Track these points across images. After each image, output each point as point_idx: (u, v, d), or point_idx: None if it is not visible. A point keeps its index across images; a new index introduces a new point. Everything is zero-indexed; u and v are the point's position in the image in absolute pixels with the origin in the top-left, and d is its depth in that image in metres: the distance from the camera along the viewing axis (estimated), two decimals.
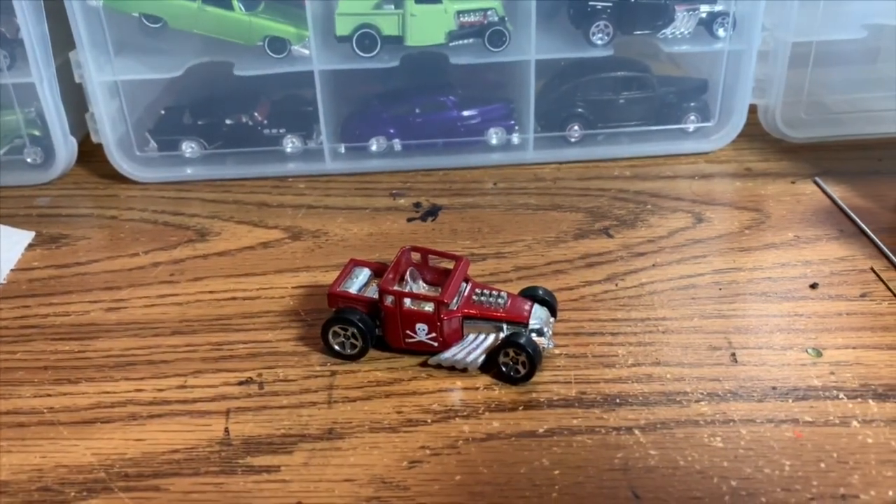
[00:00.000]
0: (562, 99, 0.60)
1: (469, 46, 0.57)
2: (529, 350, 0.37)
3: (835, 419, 0.35)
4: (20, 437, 0.36)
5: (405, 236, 0.52)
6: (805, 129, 0.62)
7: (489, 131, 0.60)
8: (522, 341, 0.37)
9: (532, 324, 0.38)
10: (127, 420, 0.37)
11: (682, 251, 0.49)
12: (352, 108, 0.60)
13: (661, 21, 0.57)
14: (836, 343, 0.40)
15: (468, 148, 0.61)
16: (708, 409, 0.36)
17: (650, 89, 0.60)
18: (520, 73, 0.58)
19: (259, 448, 0.35)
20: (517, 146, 0.61)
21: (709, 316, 0.43)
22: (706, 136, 0.61)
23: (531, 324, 0.38)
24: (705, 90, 0.61)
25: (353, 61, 0.56)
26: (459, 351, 0.39)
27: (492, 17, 0.56)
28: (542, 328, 0.39)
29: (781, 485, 0.32)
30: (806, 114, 0.62)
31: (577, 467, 0.33)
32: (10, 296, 0.46)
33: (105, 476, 0.34)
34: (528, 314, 0.39)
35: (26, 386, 0.39)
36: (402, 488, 0.32)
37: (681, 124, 0.61)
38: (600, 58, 0.58)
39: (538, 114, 0.60)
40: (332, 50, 0.56)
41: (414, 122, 0.60)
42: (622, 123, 0.61)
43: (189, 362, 0.40)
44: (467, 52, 0.57)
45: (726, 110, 0.61)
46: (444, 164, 0.60)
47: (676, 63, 0.64)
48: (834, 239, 0.50)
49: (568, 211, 0.54)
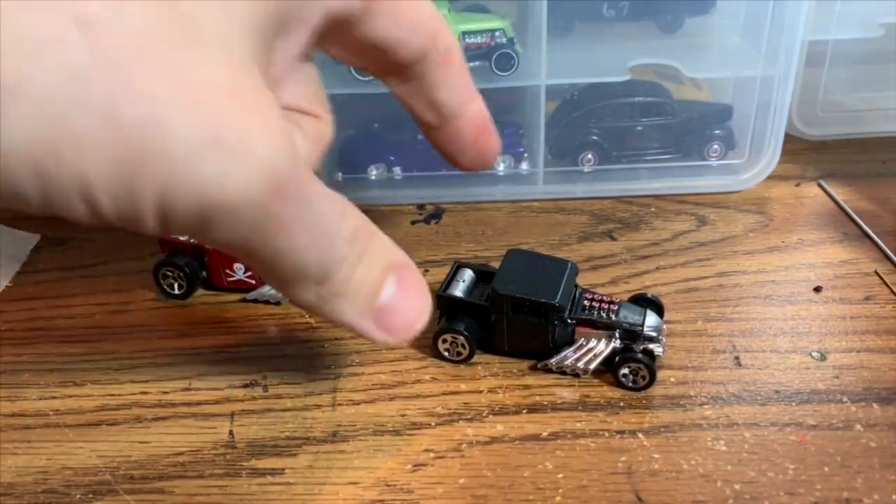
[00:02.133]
0: (575, 125, 0.57)
1: (475, 70, 0.52)
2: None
3: (839, 423, 0.35)
4: (26, 439, 0.36)
5: (409, 238, 0.52)
6: (821, 127, 0.62)
7: (496, 159, 0.54)
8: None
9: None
10: (132, 422, 0.37)
11: (686, 254, 0.49)
12: (350, 133, 0.57)
13: None
14: (840, 346, 0.40)
15: (474, 179, 0.57)
16: (711, 412, 0.36)
17: (670, 115, 0.56)
18: (529, 99, 0.56)
19: (263, 451, 0.35)
20: (526, 177, 0.57)
21: (712, 319, 0.43)
22: (734, 172, 0.56)
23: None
24: (730, 116, 0.57)
25: (352, 85, 0.52)
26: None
27: (500, 38, 0.53)
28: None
29: (785, 488, 0.32)
30: (822, 111, 0.62)
31: (581, 470, 0.33)
32: (16, 298, 0.47)
33: (110, 478, 0.34)
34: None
35: (32, 388, 0.39)
36: (405, 491, 0.33)
37: (703, 154, 0.57)
38: (616, 82, 0.54)
39: (549, 141, 0.56)
40: (330, 72, 0.53)
41: (415, 148, 0.56)
42: (640, 152, 0.57)
43: (194, 365, 0.41)
44: (473, 75, 0.51)
45: (756, 145, 0.55)
46: (446, 196, 0.57)
47: (699, 86, 0.60)
48: (838, 242, 0.50)
49: (571, 214, 0.54)
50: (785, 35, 0.52)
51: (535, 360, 0.39)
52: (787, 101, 0.53)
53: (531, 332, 0.39)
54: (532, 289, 0.38)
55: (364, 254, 0.29)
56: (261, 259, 0.27)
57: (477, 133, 0.38)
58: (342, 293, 0.29)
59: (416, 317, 0.31)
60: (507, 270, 0.40)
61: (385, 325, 0.31)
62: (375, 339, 0.31)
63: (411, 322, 0.31)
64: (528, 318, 0.38)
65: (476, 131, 0.38)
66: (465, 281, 0.41)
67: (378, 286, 0.30)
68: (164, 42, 0.21)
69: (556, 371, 0.39)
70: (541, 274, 0.40)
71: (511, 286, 0.39)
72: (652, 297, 0.41)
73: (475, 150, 0.39)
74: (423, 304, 0.32)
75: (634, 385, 0.38)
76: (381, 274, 0.30)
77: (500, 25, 0.54)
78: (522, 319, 0.38)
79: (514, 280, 0.39)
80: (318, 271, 0.28)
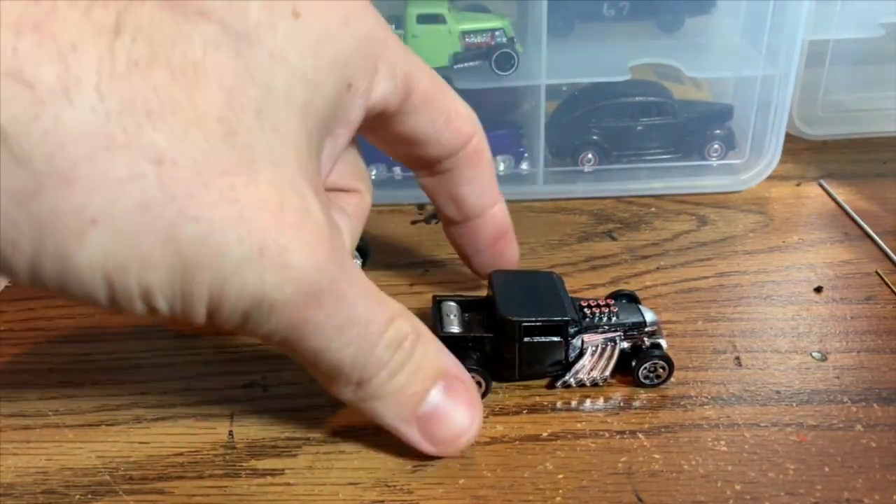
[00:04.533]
0: (575, 125, 0.56)
1: (475, 69, 0.53)
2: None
3: (839, 423, 0.35)
4: (25, 440, 0.36)
5: (409, 238, 0.52)
6: (821, 127, 0.62)
7: (496, 159, 0.56)
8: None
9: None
10: (131, 423, 0.37)
11: (686, 254, 0.49)
12: None
13: None
14: (841, 347, 0.40)
15: None
16: (712, 412, 0.36)
17: (671, 115, 0.56)
18: (529, 99, 0.56)
19: (263, 451, 0.35)
20: (526, 177, 0.57)
21: (713, 319, 0.43)
22: (734, 172, 0.57)
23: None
24: (730, 116, 0.57)
25: None
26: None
27: (500, 37, 0.53)
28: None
29: (785, 489, 0.32)
30: (822, 111, 0.62)
31: (581, 471, 0.33)
32: (15, 298, 0.47)
33: (110, 479, 0.34)
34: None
35: (31, 388, 0.39)
36: (405, 491, 0.32)
37: (704, 154, 0.57)
38: (617, 82, 0.54)
39: (549, 141, 0.56)
40: None
41: None
42: (640, 152, 0.57)
43: (193, 365, 0.40)
44: (473, 75, 0.53)
45: (757, 145, 0.56)
46: None
47: (699, 86, 0.60)
48: (838, 242, 0.50)
49: (571, 214, 0.54)
50: (785, 35, 0.52)
51: (548, 379, 0.38)
52: (787, 101, 0.53)
53: (545, 352, 0.37)
54: (539, 309, 0.37)
55: (408, 361, 0.31)
56: (302, 355, 0.30)
57: (496, 236, 0.40)
58: (381, 396, 0.31)
59: (464, 429, 0.32)
60: (505, 294, 0.38)
61: (429, 435, 0.32)
62: (421, 448, 0.32)
63: (458, 433, 0.32)
64: (542, 339, 0.37)
65: (495, 234, 0.40)
66: (454, 315, 0.39)
67: (421, 395, 0.32)
68: (222, 169, 0.24)
69: (576, 386, 0.38)
70: (536, 291, 0.38)
71: (518, 310, 0.37)
72: (628, 292, 0.41)
73: (490, 253, 0.40)
74: (473, 416, 0.33)
75: (656, 381, 0.38)
76: (425, 382, 0.32)
77: (501, 25, 0.54)
78: (536, 342, 0.37)
79: (517, 303, 0.37)
80: (355, 373, 0.30)
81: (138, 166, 0.23)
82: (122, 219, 0.23)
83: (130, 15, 0.23)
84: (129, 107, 0.23)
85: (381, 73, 0.31)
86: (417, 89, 0.33)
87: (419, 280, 0.47)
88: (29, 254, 0.23)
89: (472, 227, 0.40)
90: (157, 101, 0.23)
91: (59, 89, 0.22)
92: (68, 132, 0.22)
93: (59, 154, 0.22)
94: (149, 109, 0.23)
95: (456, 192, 0.38)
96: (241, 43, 0.25)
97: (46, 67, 0.22)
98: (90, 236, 0.23)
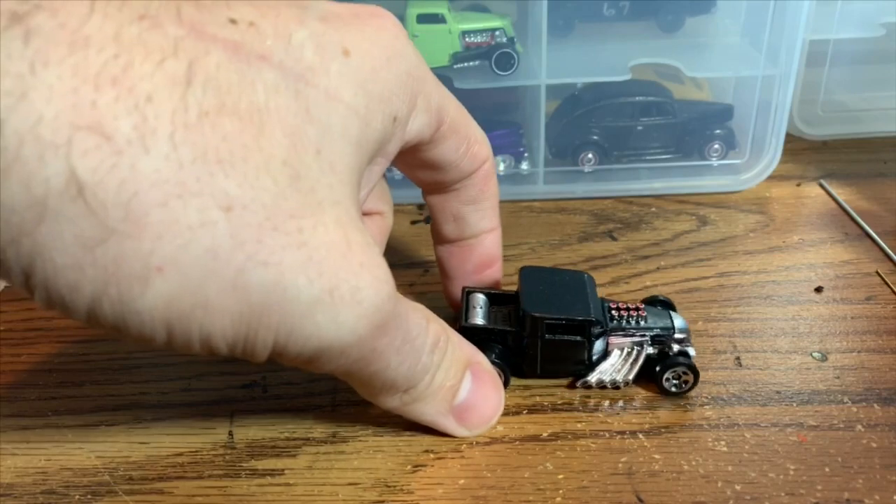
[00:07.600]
0: (575, 125, 0.56)
1: (475, 69, 0.53)
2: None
3: (839, 423, 0.35)
4: (25, 440, 0.36)
5: (408, 238, 0.52)
6: (822, 127, 0.62)
7: (496, 158, 0.56)
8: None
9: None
10: (131, 423, 0.37)
11: (687, 254, 0.49)
12: None
13: None
14: (841, 347, 0.40)
15: None
16: (712, 412, 0.36)
17: (671, 115, 0.56)
18: (529, 98, 0.56)
19: (263, 451, 0.35)
20: (526, 177, 0.57)
21: (713, 319, 0.43)
22: (735, 172, 0.57)
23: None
24: (730, 116, 0.57)
25: None
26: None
27: (500, 37, 0.53)
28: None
29: (786, 489, 0.32)
30: (823, 111, 0.62)
31: (581, 471, 0.33)
32: (14, 298, 0.47)
33: (109, 479, 0.34)
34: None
35: (31, 388, 0.39)
36: (405, 492, 0.32)
37: (704, 154, 0.57)
38: (617, 81, 0.54)
39: (549, 141, 0.56)
40: None
41: None
42: (640, 152, 0.57)
43: (192, 365, 0.40)
44: (473, 75, 0.53)
45: (757, 145, 0.56)
46: None
47: (700, 86, 0.60)
48: (839, 242, 0.50)
49: (572, 213, 0.54)
50: (786, 35, 0.52)
51: (568, 379, 0.38)
52: (787, 101, 0.53)
53: (567, 351, 0.37)
54: (563, 307, 0.37)
55: (443, 359, 0.33)
56: (358, 380, 0.31)
57: (485, 262, 0.41)
58: (424, 397, 0.33)
59: (492, 412, 0.36)
60: (531, 291, 0.38)
61: (463, 421, 0.35)
62: (456, 434, 0.35)
63: (488, 417, 0.36)
64: (565, 338, 0.37)
65: (484, 260, 0.41)
66: (481, 307, 0.39)
67: (456, 387, 0.34)
68: (289, 213, 0.25)
69: (596, 387, 0.38)
70: (563, 290, 0.38)
71: (541, 307, 0.37)
72: (663, 298, 0.41)
73: (474, 280, 0.41)
74: (498, 398, 0.36)
75: (681, 389, 0.37)
76: (458, 375, 0.34)
77: (501, 25, 0.54)
78: (558, 340, 0.37)
79: (542, 300, 0.37)
80: (406, 383, 0.32)
81: (209, 213, 0.23)
82: (190, 265, 0.23)
83: (200, 64, 0.24)
84: (202, 156, 0.23)
85: (419, 107, 0.32)
86: (447, 120, 0.34)
87: (419, 280, 0.47)
88: (89, 297, 0.24)
89: (464, 247, 0.40)
90: (227, 150, 0.24)
91: (136, 139, 0.22)
92: (144, 180, 0.22)
93: (134, 201, 0.22)
94: (220, 158, 0.23)
95: (459, 210, 0.39)
96: (298, 83, 0.26)
97: (124, 119, 0.22)
98: (155, 283, 0.23)
